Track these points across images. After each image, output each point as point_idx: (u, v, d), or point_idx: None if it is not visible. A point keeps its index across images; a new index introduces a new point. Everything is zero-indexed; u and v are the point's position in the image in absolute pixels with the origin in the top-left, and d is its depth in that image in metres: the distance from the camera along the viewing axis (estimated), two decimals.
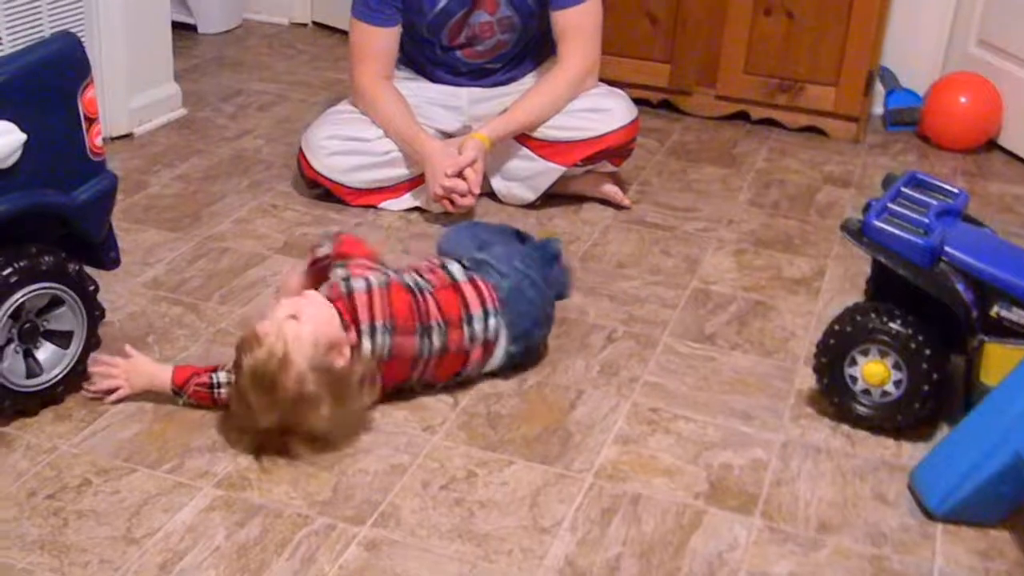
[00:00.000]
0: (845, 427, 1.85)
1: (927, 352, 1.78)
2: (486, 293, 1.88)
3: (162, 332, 2.03)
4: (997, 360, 1.75)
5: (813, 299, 2.27)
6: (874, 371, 1.81)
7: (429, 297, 1.85)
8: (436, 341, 1.83)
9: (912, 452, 1.79)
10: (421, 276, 1.89)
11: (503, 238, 2.08)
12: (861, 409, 1.84)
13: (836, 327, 1.84)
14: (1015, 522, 1.66)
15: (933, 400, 1.81)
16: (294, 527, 1.59)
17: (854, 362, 1.83)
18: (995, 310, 1.78)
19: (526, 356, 1.96)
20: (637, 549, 1.58)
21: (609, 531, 1.61)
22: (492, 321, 1.87)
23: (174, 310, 2.11)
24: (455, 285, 1.88)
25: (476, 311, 1.86)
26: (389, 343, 1.79)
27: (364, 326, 1.78)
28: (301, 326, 1.71)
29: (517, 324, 1.90)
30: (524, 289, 1.91)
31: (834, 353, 1.84)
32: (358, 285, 1.81)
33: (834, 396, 1.86)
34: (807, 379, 1.95)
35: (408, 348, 1.81)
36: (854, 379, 1.84)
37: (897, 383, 1.81)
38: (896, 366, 1.80)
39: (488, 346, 1.89)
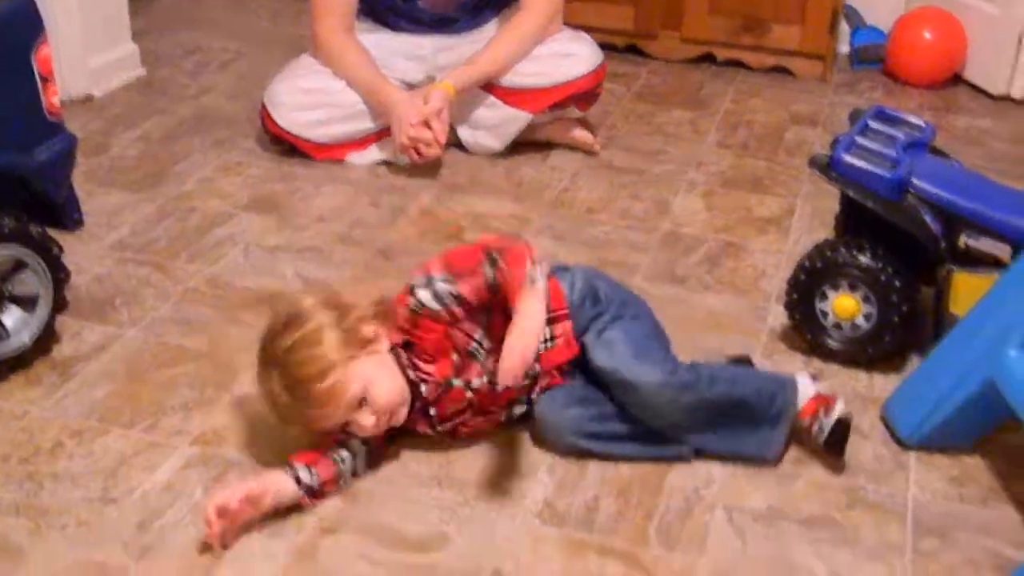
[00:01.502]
0: (817, 362, 1.86)
1: (896, 284, 1.79)
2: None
3: (130, 293, 2.02)
4: (966, 290, 1.75)
5: (783, 238, 2.28)
6: (844, 305, 1.81)
7: None
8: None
9: (884, 384, 1.80)
10: None
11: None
12: (832, 343, 1.85)
13: (806, 263, 1.85)
14: (987, 448, 1.67)
15: (903, 332, 1.82)
16: None
17: (824, 297, 1.84)
18: (963, 240, 1.79)
19: None
20: (615, 489, 1.58)
21: (587, 473, 1.61)
22: None
23: (141, 271, 2.09)
24: None
25: None
26: None
27: None
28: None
29: None
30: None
31: (804, 289, 1.85)
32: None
33: (806, 331, 1.87)
34: (779, 316, 1.96)
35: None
36: (825, 314, 1.85)
37: (867, 316, 1.82)
38: (866, 299, 1.81)
39: None
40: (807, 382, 1.65)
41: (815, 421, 1.61)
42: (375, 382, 1.54)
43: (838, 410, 1.60)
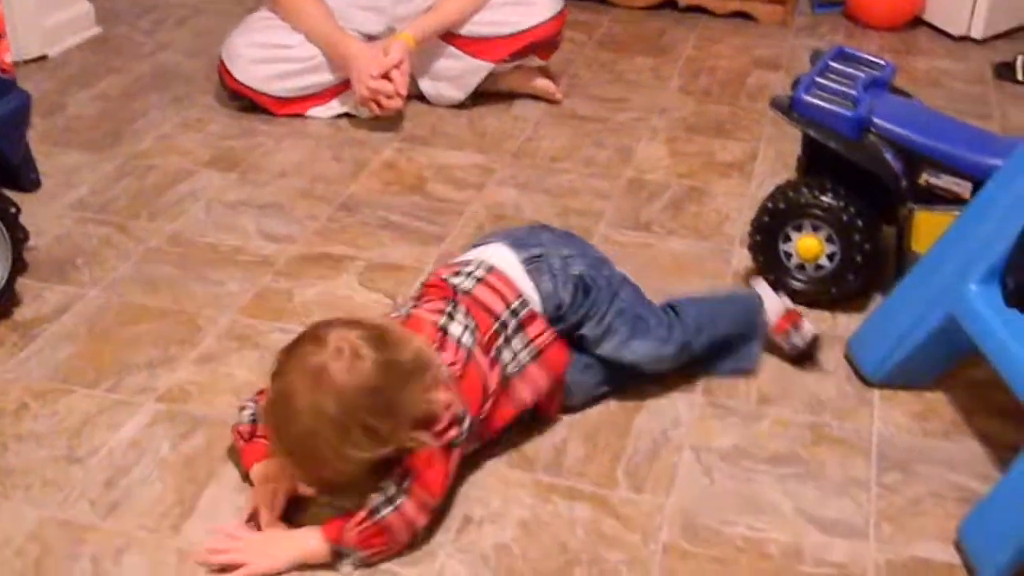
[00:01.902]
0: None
1: (859, 224, 1.79)
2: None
3: (91, 253, 1.99)
4: (927, 227, 1.76)
5: (746, 182, 2.28)
6: (808, 245, 1.82)
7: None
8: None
9: (847, 323, 1.81)
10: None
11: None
12: (797, 284, 1.86)
13: (769, 204, 1.85)
14: (950, 383, 1.69)
15: (866, 271, 1.83)
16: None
17: (788, 238, 1.84)
18: (924, 178, 1.79)
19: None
20: (582, 433, 1.59)
21: (555, 417, 1.62)
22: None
23: (101, 230, 2.07)
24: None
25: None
26: None
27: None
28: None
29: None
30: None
31: (768, 230, 1.85)
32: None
33: (770, 273, 1.87)
34: (743, 259, 1.96)
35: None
36: (788, 255, 1.85)
37: (831, 256, 1.82)
38: (829, 239, 1.81)
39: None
40: (771, 294, 1.73)
41: (786, 337, 1.71)
42: None
43: (807, 328, 1.71)
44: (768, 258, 1.87)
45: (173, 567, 1.37)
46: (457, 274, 1.56)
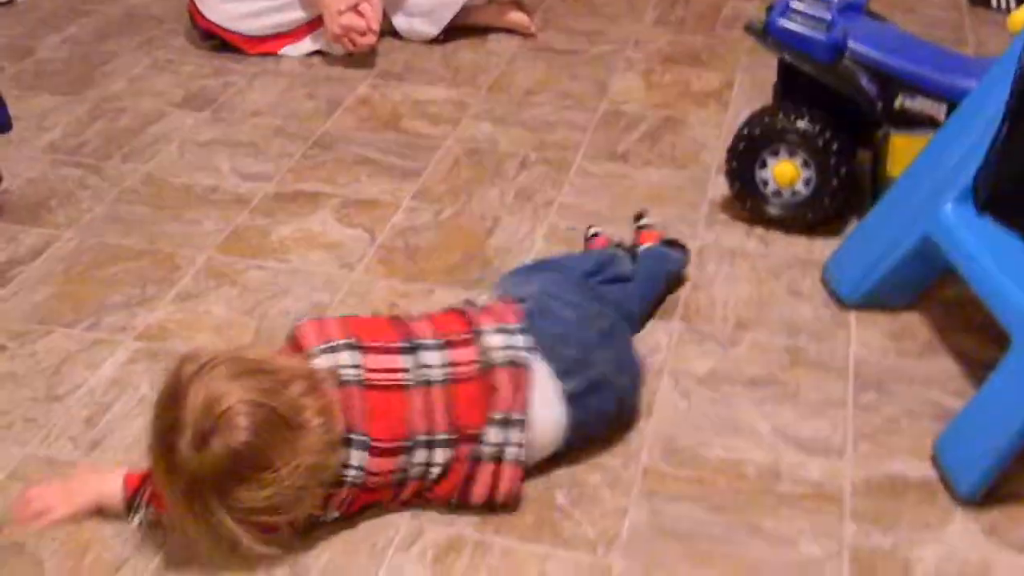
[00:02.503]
0: (758, 229, 1.87)
1: (834, 148, 1.79)
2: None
3: (65, 195, 1.98)
4: (903, 151, 1.76)
5: (723, 111, 2.27)
6: (784, 171, 1.82)
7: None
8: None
9: (823, 247, 1.82)
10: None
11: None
12: (773, 210, 1.86)
13: (745, 131, 1.85)
14: (925, 303, 1.70)
15: (842, 195, 1.83)
16: None
17: (764, 164, 1.84)
18: (899, 101, 1.79)
19: (603, 402, 1.39)
20: None
21: None
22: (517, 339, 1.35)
23: (75, 173, 2.05)
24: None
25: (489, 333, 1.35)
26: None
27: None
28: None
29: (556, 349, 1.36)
30: (551, 308, 1.42)
31: (744, 157, 1.85)
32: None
33: (746, 200, 1.88)
34: (720, 187, 1.96)
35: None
36: (765, 182, 1.85)
37: (807, 181, 1.82)
38: (805, 164, 1.82)
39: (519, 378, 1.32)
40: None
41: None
42: None
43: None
44: (744, 185, 1.87)
45: None
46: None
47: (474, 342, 1.33)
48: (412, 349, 1.31)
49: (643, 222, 1.82)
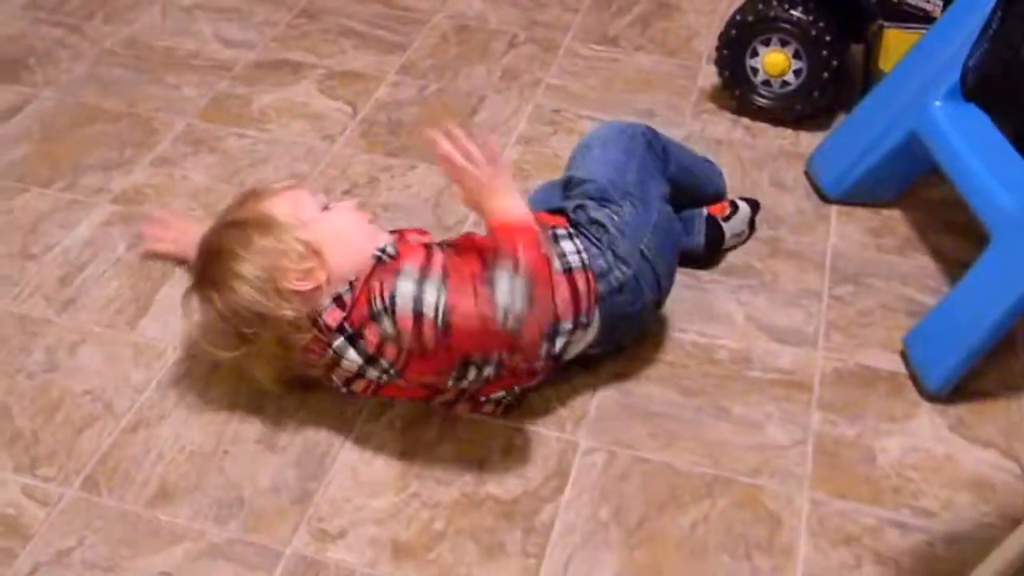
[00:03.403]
0: (745, 120, 1.86)
1: (827, 39, 1.77)
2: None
3: (43, 54, 1.94)
4: (896, 46, 1.74)
5: None
6: (775, 60, 1.80)
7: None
8: None
9: (810, 141, 1.80)
10: None
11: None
12: (761, 100, 1.84)
13: (738, 17, 1.82)
14: (907, 202, 1.70)
15: (832, 89, 1.81)
16: None
17: (755, 53, 1.82)
18: None
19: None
20: None
21: None
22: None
23: (55, 32, 2.01)
24: None
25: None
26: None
27: None
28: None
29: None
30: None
31: (736, 44, 1.82)
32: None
33: (735, 89, 1.85)
34: (709, 77, 1.93)
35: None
36: (755, 70, 1.83)
37: (797, 72, 1.80)
38: (796, 55, 1.79)
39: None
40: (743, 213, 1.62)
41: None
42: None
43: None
44: (734, 73, 1.84)
45: (129, 361, 1.38)
46: None
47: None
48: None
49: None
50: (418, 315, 1.15)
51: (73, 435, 1.29)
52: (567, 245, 1.32)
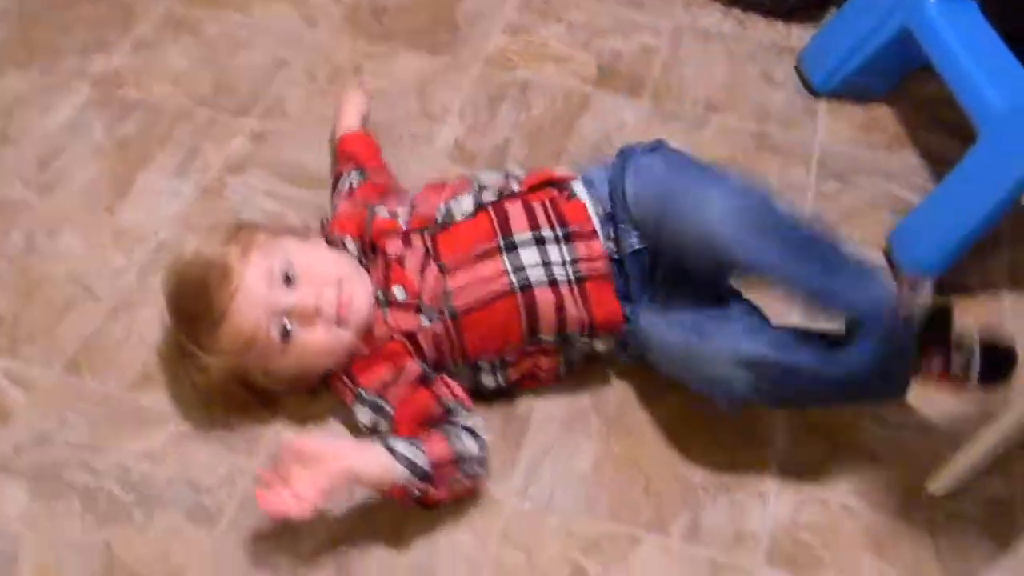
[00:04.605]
0: (736, 12, 1.82)
1: None
2: None
3: None
4: None
5: None
6: None
7: None
8: None
9: (802, 34, 1.77)
10: None
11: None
12: None
13: None
14: (897, 98, 1.68)
15: None
16: (176, 121, 1.55)
17: None
18: None
19: None
20: (525, 132, 1.58)
21: (498, 116, 1.60)
22: None
23: None
24: None
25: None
26: None
27: None
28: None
29: None
30: None
31: None
32: None
33: None
34: None
35: None
36: None
37: None
38: None
39: None
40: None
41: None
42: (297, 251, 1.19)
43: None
44: None
45: (108, 246, 1.37)
46: None
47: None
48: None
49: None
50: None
51: (54, 318, 1.28)
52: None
